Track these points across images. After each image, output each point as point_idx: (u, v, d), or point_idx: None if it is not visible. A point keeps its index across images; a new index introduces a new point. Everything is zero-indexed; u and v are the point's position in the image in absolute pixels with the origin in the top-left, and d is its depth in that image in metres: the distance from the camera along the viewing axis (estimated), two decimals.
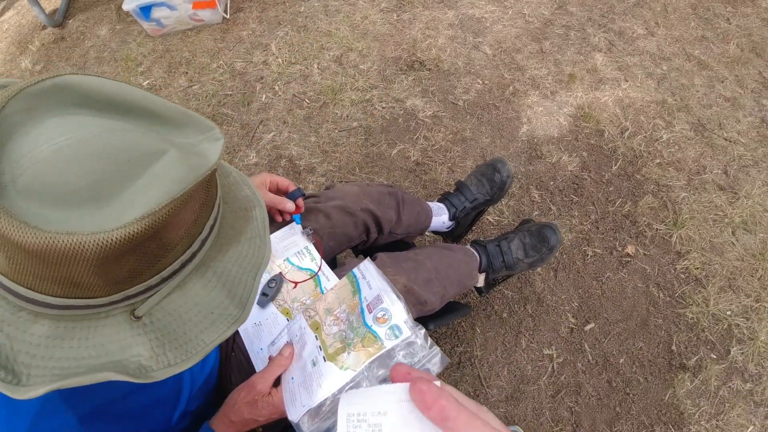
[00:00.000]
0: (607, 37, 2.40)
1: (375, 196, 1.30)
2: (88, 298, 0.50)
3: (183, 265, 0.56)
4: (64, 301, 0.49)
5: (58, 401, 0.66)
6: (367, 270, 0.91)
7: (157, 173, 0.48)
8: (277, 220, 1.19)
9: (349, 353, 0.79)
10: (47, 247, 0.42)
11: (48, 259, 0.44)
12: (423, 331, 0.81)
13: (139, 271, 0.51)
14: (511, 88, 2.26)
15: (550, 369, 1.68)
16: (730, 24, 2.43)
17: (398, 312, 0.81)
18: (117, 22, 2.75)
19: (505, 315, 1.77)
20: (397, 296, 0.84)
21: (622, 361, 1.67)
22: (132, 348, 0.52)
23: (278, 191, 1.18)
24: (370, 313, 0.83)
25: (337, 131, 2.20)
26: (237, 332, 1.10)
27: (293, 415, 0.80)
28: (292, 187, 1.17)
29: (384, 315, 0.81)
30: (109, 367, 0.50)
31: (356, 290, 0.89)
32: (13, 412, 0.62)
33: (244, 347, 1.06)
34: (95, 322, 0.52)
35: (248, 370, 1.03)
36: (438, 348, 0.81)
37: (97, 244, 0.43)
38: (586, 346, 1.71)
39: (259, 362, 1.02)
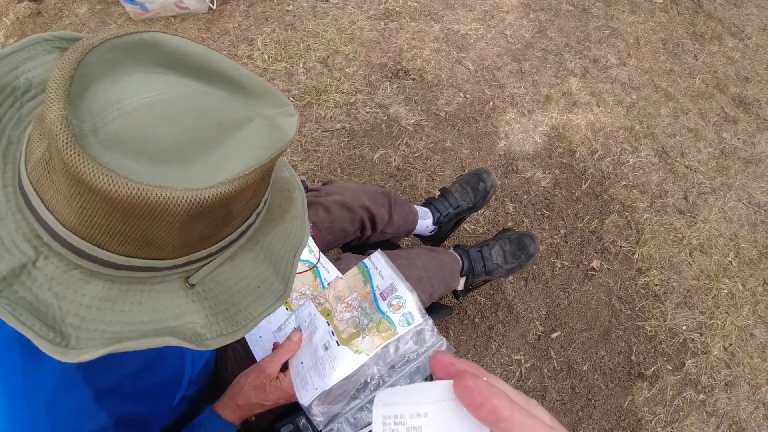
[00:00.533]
0: (582, 64, 2.53)
1: (371, 194, 1.34)
2: (154, 259, 0.49)
3: (240, 236, 0.56)
4: (128, 260, 0.48)
5: (75, 376, 0.65)
6: (378, 261, 0.94)
7: (244, 139, 0.49)
8: None
9: (363, 337, 0.82)
10: (138, 200, 0.41)
11: (133, 213, 0.42)
12: (431, 321, 0.84)
13: (207, 237, 0.51)
14: (491, 103, 2.35)
15: (518, 373, 1.74)
16: (696, 60, 2.60)
17: (411, 300, 0.85)
18: (98, 2, 2.69)
19: (477, 320, 1.83)
20: (408, 287, 0.88)
21: (585, 368, 1.76)
22: (187, 315, 0.52)
23: None
24: (384, 300, 0.86)
25: (320, 131, 2.23)
26: None
27: (304, 399, 0.81)
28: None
29: (398, 302, 0.85)
30: (165, 332, 0.49)
31: (367, 279, 0.92)
32: (32, 387, 0.60)
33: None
34: (149, 287, 0.51)
35: (245, 358, 1.03)
36: (444, 338, 0.85)
37: (190, 200, 0.42)
38: (552, 352, 1.79)
39: (258, 350, 1.02)
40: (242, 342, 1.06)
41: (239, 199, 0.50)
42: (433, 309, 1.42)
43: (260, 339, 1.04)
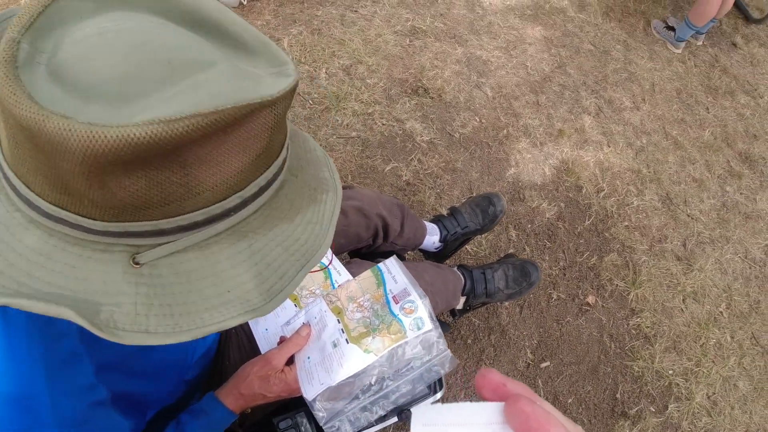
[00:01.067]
0: (597, 103, 2.58)
1: (387, 204, 1.36)
2: (81, 215, 0.44)
3: (210, 221, 0.48)
4: (56, 210, 0.44)
5: (80, 348, 0.65)
6: (392, 266, 0.96)
7: (196, 83, 0.42)
8: None
9: (374, 338, 0.84)
10: (37, 126, 0.37)
11: (39, 144, 0.39)
12: (440, 330, 0.86)
13: (147, 203, 0.44)
14: (505, 131, 2.39)
15: None
16: (708, 113, 2.67)
17: (423, 306, 0.87)
18: None
19: (470, 341, 1.86)
20: (421, 293, 0.90)
21: (570, 401, 1.78)
22: (114, 295, 0.45)
23: None
24: (396, 303, 0.88)
25: (335, 137, 2.26)
26: None
27: (309, 393, 0.82)
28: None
29: (411, 306, 0.86)
30: (74, 306, 0.43)
31: (381, 282, 0.94)
32: (35, 354, 0.59)
33: (248, 326, 1.08)
34: (90, 253, 0.46)
35: (249, 349, 1.04)
36: (449, 351, 0.87)
37: (88, 137, 0.37)
38: (539, 382, 1.81)
39: (264, 343, 1.03)
40: (247, 333, 1.07)
41: (200, 167, 0.44)
42: None
43: (266, 332, 1.05)
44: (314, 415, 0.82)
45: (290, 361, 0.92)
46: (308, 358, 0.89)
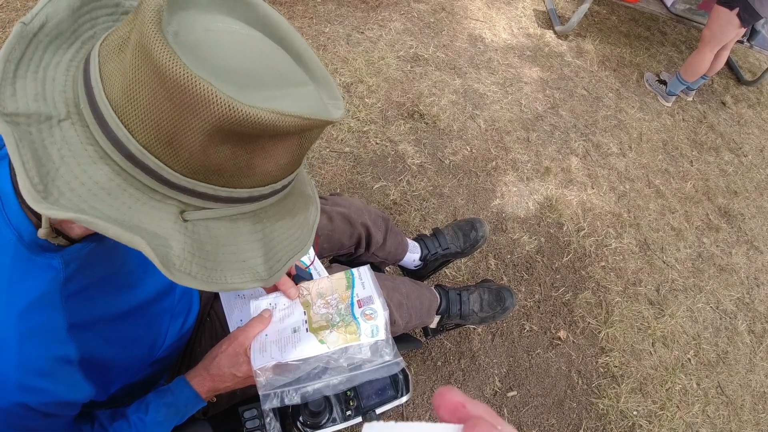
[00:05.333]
0: (585, 146, 2.66)
1: (373, 215, 1.39)
2: (167, 165, 0.51)
3: (247, 200, 0.58)
4: (142, 151, 0.50)
5: (55, 299, 0.66)
6: (364, 274, 1.00)
7: (297, 94, 0.54)
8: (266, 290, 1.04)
9: (331, 332, 0.88)
10: (186, 82, 0.44)
11: (176, 98, 0.46)
12: (392, 340, 0.90)
13: (221, 170, 0.53)
14: (494, 162, 2.45)
15: None
16: (692, 166, 2.75)
17: (382, 316, 0.91)
18: None
19: (439, 363, 1.87)
20: (384, 304, 0.94)
21: None
22: (168, 239, 0.51)
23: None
24: (359, 307, 0.92)
25: (328, 150, 2.30)
26: (217, 298, 1.13)
27: (257, 362, 0.85)
28: (302, 266, 1.11)
29: (371, 314, 0.91)
30: (143, 235, 0.48)
31: (350, 285, 0.98)
32: (12, 294, 0.62)
33: (222, 314, 1.10)
34: (146, 200, 0.52)
35: (221, 337, 1.06)
36: (402, 360, 0.90)
37: (228, 105, 0.45)
38: (505, 410, 1.82)
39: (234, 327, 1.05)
40: (221, 320, 1.08)
41: (261, 156, 0.54)
42: (404, 339, 1.46)
43: (241, 323, 1.06)
44: (256, 381, 0.84)
45: None
46: (266, 335, 0.91)
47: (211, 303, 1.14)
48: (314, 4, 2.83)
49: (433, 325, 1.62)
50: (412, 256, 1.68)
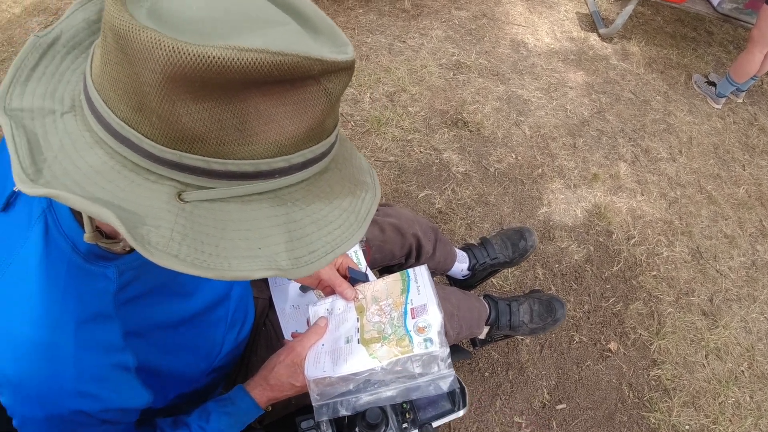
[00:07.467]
0: (633, 151, 2.61)
1: (423, 226, 1.41)
2: (146, 136, 0.48)
3: (256, 176, 0.52)
4: (123, 127, 0.48)
5: (110, 310, 0.68)
6: (421, 274, 0.98)
7: (271, 33, 0.47)
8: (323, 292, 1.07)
9: (382, 345, 0.87)
10: (131, 33, 0.43)
11: (129, 52, 0.44)
12: (448, 350, 0.89)
13: (204, 136, 0.48)
14: (540, 170, 2.43)
15: None
16: (744, 170, 2.67)
17: (436, 324, 0.89)
18: None
19: (487, 374, 1.87)
20: (439, 309, 0.93)
21: None
22: (155, 219, 0.48)
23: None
24: (413, 318, 0.91)
25: (373, 159, 2.32)
26: (273, 309, 1.16)
27: (310, 372, 0.86)
28: (356, 267, 1.10)
29: (424, 326, 0.89)
30: (117, 212, 0.45)
31: (405, 289, 0.97)
32: (68, 305, 0.63)
33: (277, 323, 1.12)
34: (141, 182, 0.50)
35: (277, 346, 1.08)
36: (454, 372, 0.89)
37: (172, 49, 0.42)
38: (554, 423, 1.81)
39: (284, 322, 1.08)
40: (277, 330, 1.11)
41: (256, 117, 0.48)
42: (452, 350, 1.46)
43: (296, 332, 1.08)
44: (310, 395, 0.86)
45: None
46: (322, 345, 0.92)
47: (266, 312, 1.17)
48: (356, 15, 2.86)
49: (482, 336, 1.62)
50: (461, 266, 1.69)
